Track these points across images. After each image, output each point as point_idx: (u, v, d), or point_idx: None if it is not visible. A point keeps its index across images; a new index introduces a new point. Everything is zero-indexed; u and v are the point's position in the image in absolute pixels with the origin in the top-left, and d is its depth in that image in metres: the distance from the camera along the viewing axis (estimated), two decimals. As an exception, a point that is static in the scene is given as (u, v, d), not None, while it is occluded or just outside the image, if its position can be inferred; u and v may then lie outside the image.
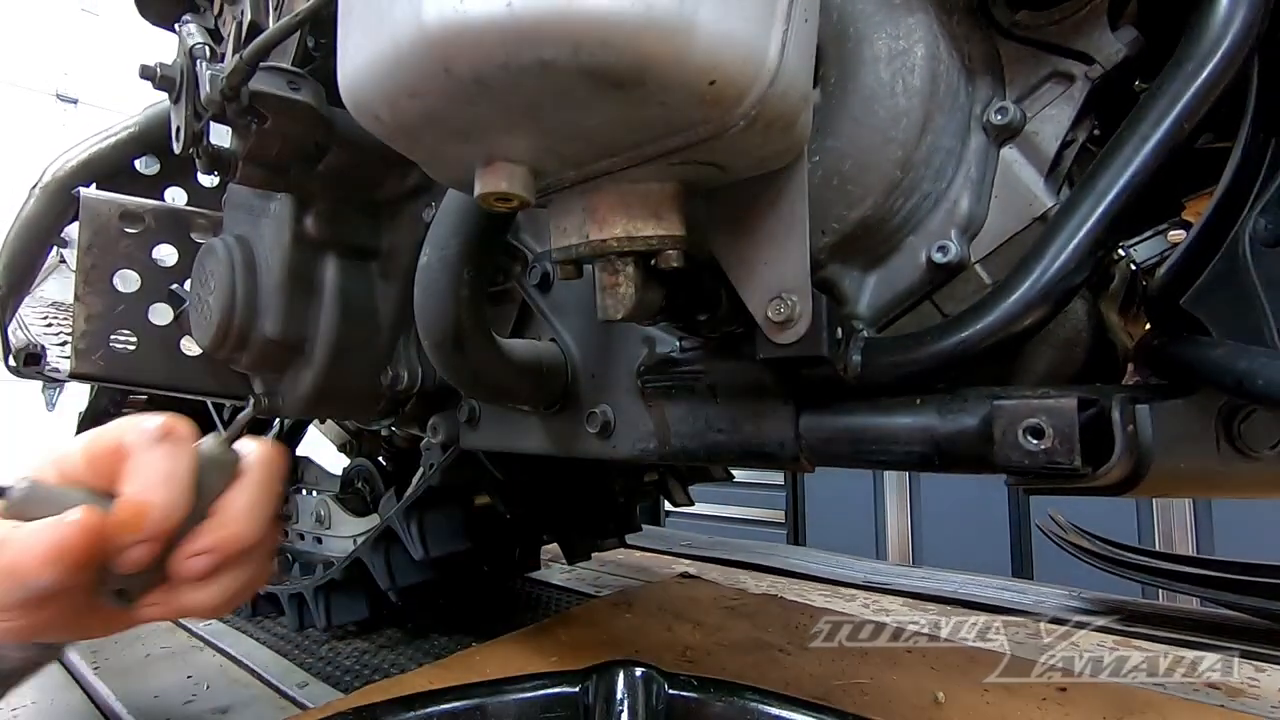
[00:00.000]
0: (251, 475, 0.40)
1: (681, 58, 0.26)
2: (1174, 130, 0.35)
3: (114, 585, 0.36)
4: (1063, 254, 0.36)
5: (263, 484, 0.40)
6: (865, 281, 0.45)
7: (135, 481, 0.35)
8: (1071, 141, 0.42)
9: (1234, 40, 0.34)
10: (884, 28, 0.42)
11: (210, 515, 0.38)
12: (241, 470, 0.40)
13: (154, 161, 1.03)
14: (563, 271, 0.39)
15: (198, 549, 0.37)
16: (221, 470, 0.39)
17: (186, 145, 0.66)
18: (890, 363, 0.41)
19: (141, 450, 0.36)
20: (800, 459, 0.46)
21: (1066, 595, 1.28)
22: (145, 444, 0.36)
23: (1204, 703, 0.80)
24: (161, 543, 0.36)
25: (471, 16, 0.25)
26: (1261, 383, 0.32)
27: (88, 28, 4.75)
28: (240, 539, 0.38)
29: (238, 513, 0.38)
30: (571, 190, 0.35)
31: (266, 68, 0.62)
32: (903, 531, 2.64)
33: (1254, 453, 0.39)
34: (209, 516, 0.38)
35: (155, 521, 0.35)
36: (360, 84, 0.30)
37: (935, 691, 0.79)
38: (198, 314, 0.82)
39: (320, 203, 0.74)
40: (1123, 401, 0.35)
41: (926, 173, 0.42)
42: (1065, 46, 0.41)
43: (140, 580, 0.37)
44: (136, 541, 0.35)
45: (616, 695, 0.48)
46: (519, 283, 0.68)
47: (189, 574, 0.37)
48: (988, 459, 0.37)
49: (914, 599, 1.25)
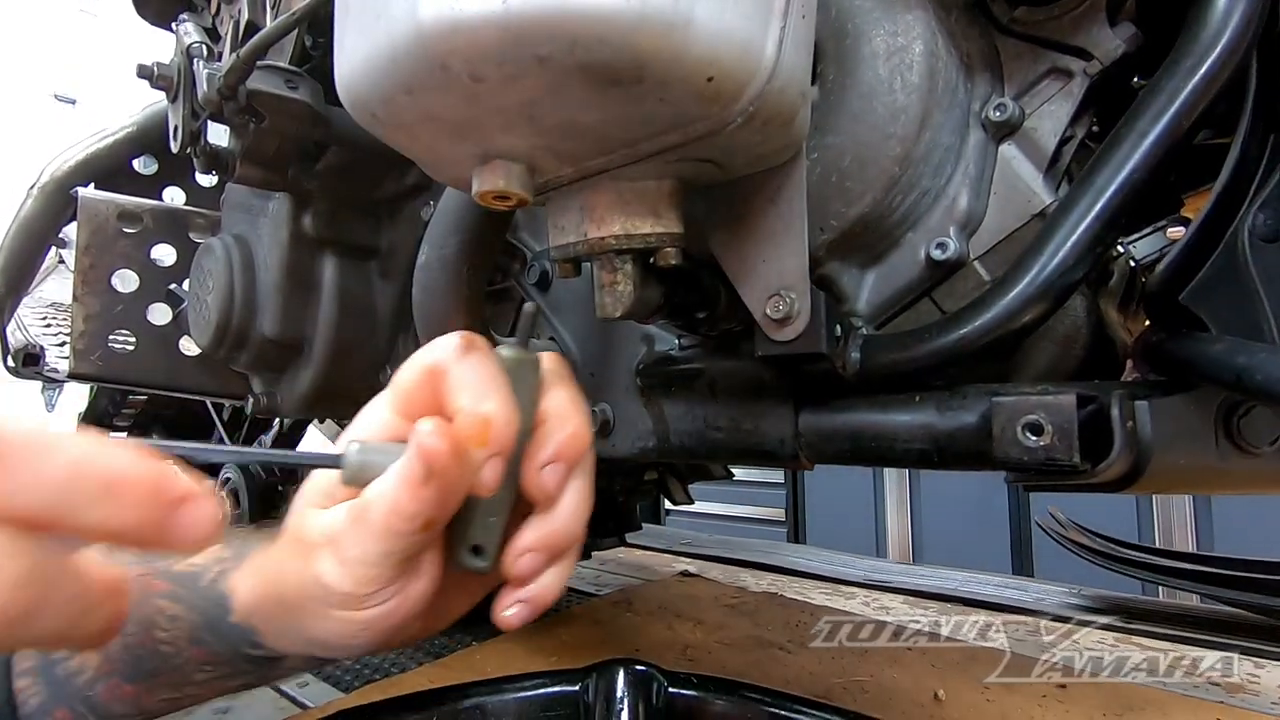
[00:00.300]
0: (557, 371, 0.36)
1: (679, 54, 0.26)
2: (1172, 126, 0.35)
3: (471, 540, 0.34)
4: (1061, 250, 0.36)
5: (572, 379, 0.37)
6: (864, 279, 0.45)
7: (463, 396, 0.32)
8: (1070, 138, 0.42)
9: (1232, 36, 0.34)
10: (882, 24, 0.42)
11: (538, 424, 0.34)
12: (546, 370, 0.36)
13: (152, 161, 1.03)
14: (561, 270, 0.39)
15: (546, 458, 0.34)
16: (530, 373, 0.35)
17: (184, 145, 0.66)
18: (889, 360, 0.41)
19: (455, 366, 0.33)
20: (799, 456, 0.46)
21: (1067, 592, 1.28)
22: (456, 359, 0.33)
23: (1204, 699, 0.80)
24: (506, 458, 0.32)
25: (468, 14, 0.25)
26: (1260, 378, 0.32)
27: (86, 28, 4.75)
28: (582, 437, 0.34)
29: (568, 410, 0.35)
30: (569, 188, 0.35)
31: (264, 66, 0.62)
32: (903, 529, 2.64)
33: (1253, 449, 0.39)
34: (537, 425, 0.34)
35: (499, 429, 0.31)
36: (357, 82, 0.30)
37: (936, 689, 0.79)
38: (196, 314, 0.81)
39: (319, 202, 0.74)
40: (1122, 398, 0.35)
41: (925, 169, 0.42)
42: (1064, 43, 0.41)
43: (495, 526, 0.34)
44: (487, 456, 0.31)
45: (617, 694, 0.48)
46: (518, 281, 0.68)
47: (547, 489, 0.33)
48: (987, 455, 0.37)
49: (914, 597, 1.25)
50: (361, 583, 0.32)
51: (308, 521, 0.35)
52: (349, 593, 0.33)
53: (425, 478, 0.30)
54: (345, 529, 0.32)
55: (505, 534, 0.35)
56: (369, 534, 0.31)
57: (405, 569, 0.33)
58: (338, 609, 0.34)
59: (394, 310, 0.79)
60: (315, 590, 0.34)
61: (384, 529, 0.31)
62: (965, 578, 1.38)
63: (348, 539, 0.32)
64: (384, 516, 0.31)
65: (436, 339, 0.35)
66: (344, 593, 0.33)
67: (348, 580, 0.32)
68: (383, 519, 0.31)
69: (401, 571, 0.33)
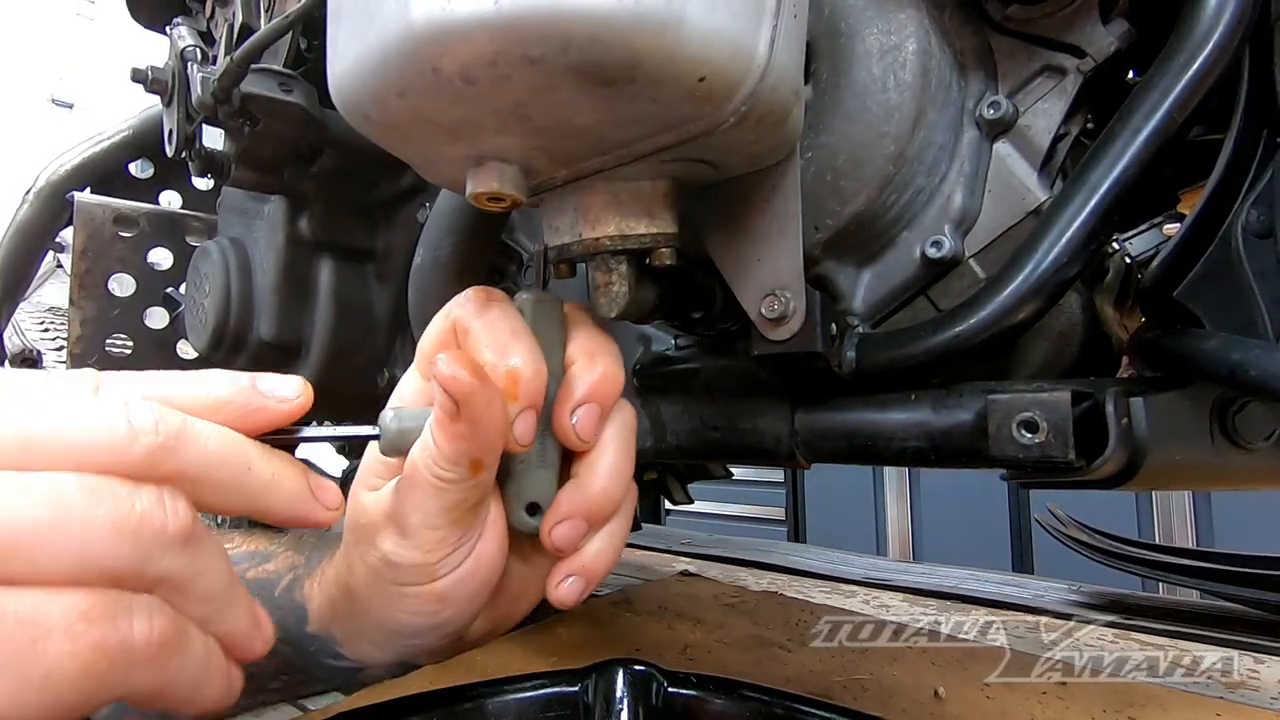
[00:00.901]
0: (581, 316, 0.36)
1: (671, 54, 0.26)
2: (1166, 123, 0.35)
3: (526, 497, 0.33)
4: (1056, 248, 0.36)
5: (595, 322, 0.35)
6: (859, 277, 0.45)
7: (486, 351, 0.31)
8: (1064, 135, 0.42)
9: (1224, 32, 0.34)
10: (875, 23, 0.42)
11: (568, 366, 0.34)
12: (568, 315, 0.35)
13: (148, 165, 1.03)
14: (556, 271, 0.39)
15: (578, 399, 0.33)
16: (553, 316, 0.35)
17: (179, 148, 0.66)
18: (885, 358, 0.41)
19: (475, 321, 0.32)
20: (796, 456, 0.46)
21: (1067, 589, 1.28)
22: (476, 313, 0.32)
23: (1204, 694, 0.80)
24: (538, 409, 0.32)
25: (459, 15, 0.25)
26: (1255, 373, 0.32)
27: (82, 32, 4.75)
28: (613, 378, 0.34)
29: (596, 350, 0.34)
30: (564, 189, 0.35)
31: (258, 70, 0.62)
32: (903, 527, 2.64)
33: (1248, 444, 0.39)
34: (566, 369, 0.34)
35: (528, 381, 0.31)
36: (349, 84, 0.30)
37: (936, 686, 0.79)
38: (193, 317, 0.81)
39: (314, 204, 0.74)
40: (1117, 394, 0.35)
41: (920, 168, 0.42)
42: (1057, 40, 0.41)
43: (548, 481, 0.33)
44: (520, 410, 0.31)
45: (616, 694, 0.48)
46: (514, 282, 0.68)
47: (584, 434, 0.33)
48: (983, 453, 0.37)
49: (914, 595, 1.25)
50: (429, 548, 0.31)
51: (363, 505, 0.34)
52: (419, 562, 0.32)
53: (454, 410, 0.29)
54: (400, 498, 0.32)
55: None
56: (422, 494, 0.31)
57: (469, 525, 0.32)
58: (412, 585, 0.33)
59: (391, 312, 0.79)
60: (386, 571, 0.32)
61: (433, 483, 0.30)
62: (965, 575, 1.38)
63: (404, 507, 0.31)
64: (429, 469, 0.30)
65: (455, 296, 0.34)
66: (414, 563, 0.32)
67: (415, 549, 0.31)
68: (429, 472, 0.30)
69: (466, 528, 0.32)
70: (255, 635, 0.27)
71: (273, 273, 0.75)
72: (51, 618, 0.19)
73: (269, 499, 0.26)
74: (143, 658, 0.21)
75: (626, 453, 0.35)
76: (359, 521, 0.34)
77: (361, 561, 0.33)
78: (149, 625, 0.21)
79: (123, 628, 0.20)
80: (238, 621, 0.26)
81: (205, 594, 0.24)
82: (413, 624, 0.34)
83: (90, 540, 0.20)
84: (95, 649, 0.20)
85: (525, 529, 0.34)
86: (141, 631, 0.21)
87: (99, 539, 0.20)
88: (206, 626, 0.25)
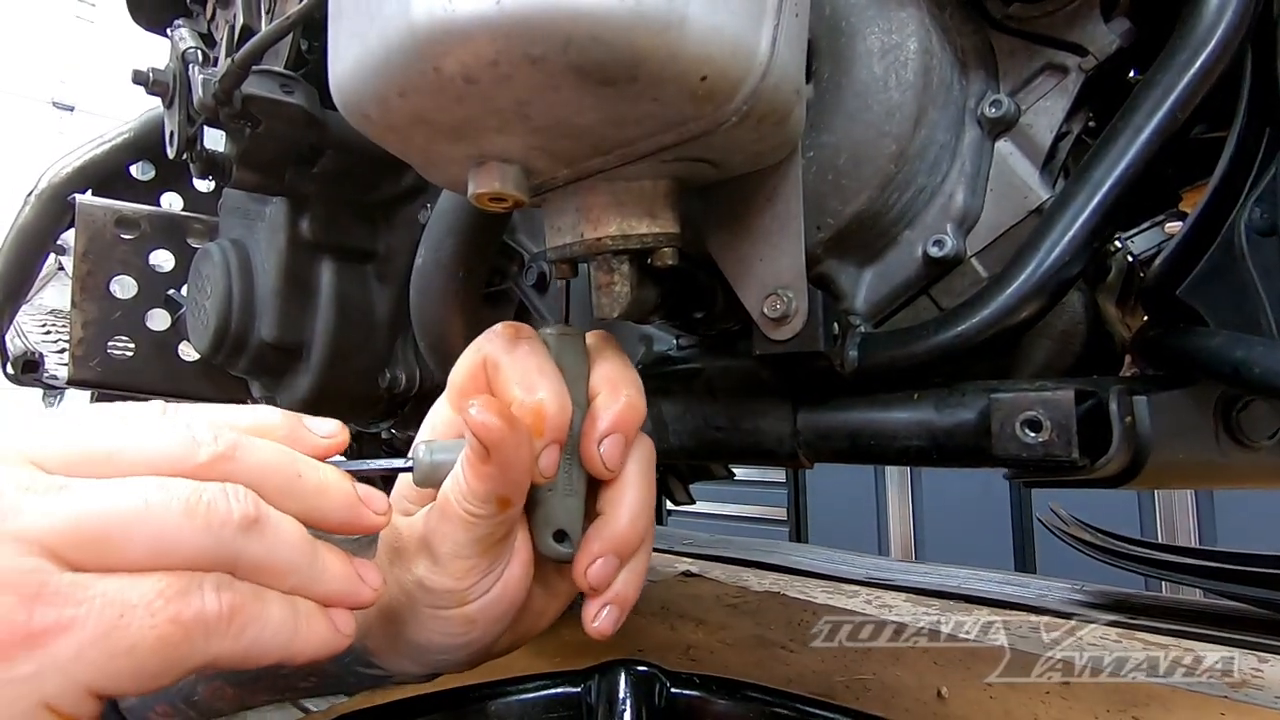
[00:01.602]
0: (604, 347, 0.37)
1: (673, 53, 0.26)
2: (1168, 121, 0.35)
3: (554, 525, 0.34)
4: (1058, 246, 0.36)
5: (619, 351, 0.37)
6: (861, 277, 0.45)
7: (514, 388, 0.33)
8: (1066, 133, 0.42)
9: (1226, 29, 0.34)
10: (876, 22, 0.42)
11: (592, 397, 0.35)
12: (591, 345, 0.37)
13: (149, 167, 1.03)
14: (558, 271, 0.39)
15: (604, 430, 0.34)
16: (577, 350, 0.36)
17: (181, 150, 0.66)
18: (887, 357, 0.41)
19: (504, 357, 0.34)
20: (798, 455, 0.46)
21: (1069, 589, 1.28)
22: (504, 350, 0.34)
23: (1208, 694, 0.80)
24: (563, 444, 0.33)
25: (460, 14, 0.25)
26: (1258, 371, 0.32)
27: (83, 35, 4.75)
28: (636, 407, 0.35)
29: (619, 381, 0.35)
30: (565, 189, 0.35)
31: (259, 71, 0.62)
32: (905, 527, 2.64)
33: (1252, 442, 0.39)
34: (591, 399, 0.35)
35: (553, 417, 0.32)
36: (350, 84, 0.30)
37: (939, 687, 0.79)
38: (194, 319, 0.81)
39: (315, 206, 0.74)
40: (1120, 393, 0.35)
41: (921, 167, 0.42)
42: (1058, 38, 0.41)
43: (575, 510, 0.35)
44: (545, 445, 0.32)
45: (619, 695, 0.48)
46: (515, 283, 0.67)
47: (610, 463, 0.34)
48: (986, 452, 0.37)
49: (917, 594, 1.25)
50: (460, 575, 0.33)
51: (398, 528, 0.36)
52: (450, 588, 0.33)
53: (484, 454, 0.30)
54: (432, 528, 0.33)
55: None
56: (453, 526, 0.32)
57: (498, 555, 0.34)
58: (444, 608, 0.34)
59: (392, 313, 0.79)
60: (419, 594, 0.34)
61: (464, 518, 0.32)
62: (967, 575, 1.38)
63: (436, 537, 0.33)
64: (460, 504, 0.32)
65: (485, 331, 0.36)
66: (446, 589, 0.33)
67: (447, 576, 0.33)
68: (459, 507, 0.32)
69: (495, 557, 0.34)
70: (359, 589, 0.30)
71: (274, 274, 0.75)
72: (134, 598, 0.23)
73: (320, 503, 0.29)
74: (217, 628, 0.24)
75: (649, 485, 0.36)
76: (394, 544, 0.36)
77: (396, 582, 0.35)
78: (219, 600, 0.24)
79: (195, 603, 0.23)
80: (331, 584, 0.29)
81: (284, 568, 0.27)
82: (443, 642, 0.36)
83: (167, 528, 0.24)
84: (172, 622, 0.23)
85: (554, 556, 0.35)
86: (212, 605, 0.24)
87: (174, 527, 0.24)
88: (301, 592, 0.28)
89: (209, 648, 0.24)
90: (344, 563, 0.30)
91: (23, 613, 0.21)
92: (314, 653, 0.27)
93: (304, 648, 0.27)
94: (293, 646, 0.27)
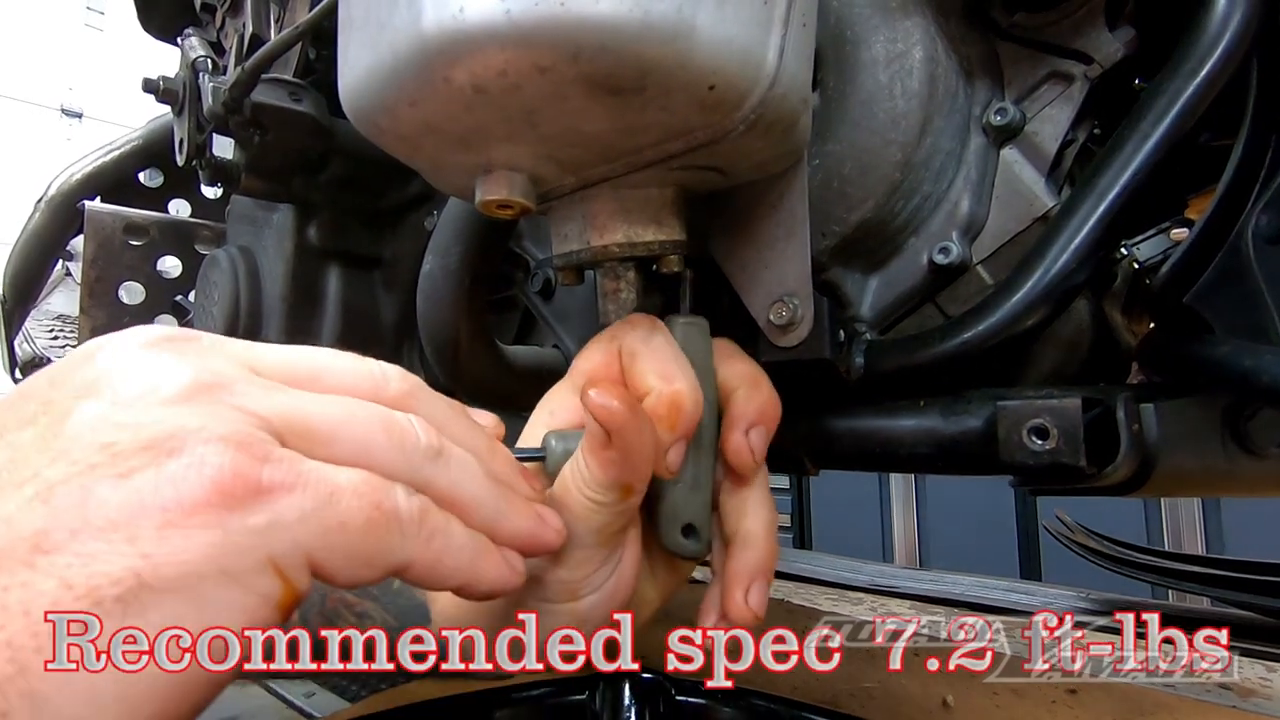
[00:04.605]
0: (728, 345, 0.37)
1: (681, 63, 0.26)
2: (1174, 128, 0.35)
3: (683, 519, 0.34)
4: (1064, 254, 0.36)
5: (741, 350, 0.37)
6: (867, 284, 0.45)
7: (650, 378, 0.32)
8: (1072, 141, 0.42)
9: (1232, 37, 0.34)
10: (881, 31, 0.42)
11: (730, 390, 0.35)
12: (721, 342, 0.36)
13: (158, 174, 1.04)
14: (564, 278, 0.39)
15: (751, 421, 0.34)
16: (702, 343, 0.35)
17: (189, 157, 0.67)
18: (893, 365, 0.41)
19: (642, 345, 0.33)
20: (804, 462, 0.46)
21: (1075, 596, 1.27)
22: (644, 339, 0.34)
23: (1215, 703, 0.79)
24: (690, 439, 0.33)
25: (470, 24, 0.25)
26: (1266, 380, 0.32)
27: (92, 42, 4.79)
28: (776, 403, 0.35)
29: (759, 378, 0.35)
30: (572, 196, 0.35)
31: (268, 79, 0.63)
32: (909, 534, 2.63)
33: (1260, 451, 0.39)
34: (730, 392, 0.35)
35: (689, 411, 0.32)
36: (360, 93, 0.30)
37: (944, 695, 0.79)
38: (202, 325, 0.82)
39: (323, 213, 0.74)
40: (1127, 401, 0.35)
41: (926, 174, 0.42)
42: (1064, 46, 0.41)
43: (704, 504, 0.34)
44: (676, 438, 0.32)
45: (624, 702, 0.48)
46: (521, 290, 0.68)
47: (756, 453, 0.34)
48: (992, 460, 0.37)
49: (921, 602, 1.24)
50: (576, 566, 0.32)
51: None
52: (565, 579, 0.33)
53: (605, 440, 0.30)
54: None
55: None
56: (571, 515, 0.32)
57: (614, 546, 0.33)
58: (554, 602, 0.33)
59: (398, 320, 0.80)
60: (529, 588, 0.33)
61: (585, 504, 0.31)
62: (972, 582, 1.37)
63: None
64: (580, 490, 0.31)
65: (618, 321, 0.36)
66: (560, 580, 0.33)
67: (562, 567, 0.32)
68: (579, 495, 0.31)
69: (612, 548, 0.33)
70: (543, 530, 0.30)
71: (281, 281, 0.76)
72: (342, 480, 0.24)
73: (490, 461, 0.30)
74: (409, 527, 0.25)
75: (773, 502, 0.36)
76: None
77: None
78: (410, 502, 0.25)
79: (392, 497, 0.25)
80: (517, 522, 0.29)
81: (470, 501, 0.28)
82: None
83: (369, 437, 0.25)
84: (375, 507, 0.24)
85: (683, 552, 0.35)
86: (405, 504, 0.25)
87: (374, 437, 0.26)
88: (487, 529, 0.28)
89: (406, 546, 0.25)
90: (526, 504, 0.30)
91: (255, 468, 0.22)
92: (491, 584, 0.28)
93: (484, 575, 0.28)
94: (475, 570, 0.27)
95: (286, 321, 0.75)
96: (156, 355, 0.24)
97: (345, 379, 0.28)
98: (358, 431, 0.25)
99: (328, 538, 0.23)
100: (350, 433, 0.25)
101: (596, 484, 0.31)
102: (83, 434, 0.22)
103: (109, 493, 0.21)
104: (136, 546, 0.20)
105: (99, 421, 0.22)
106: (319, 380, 0.27)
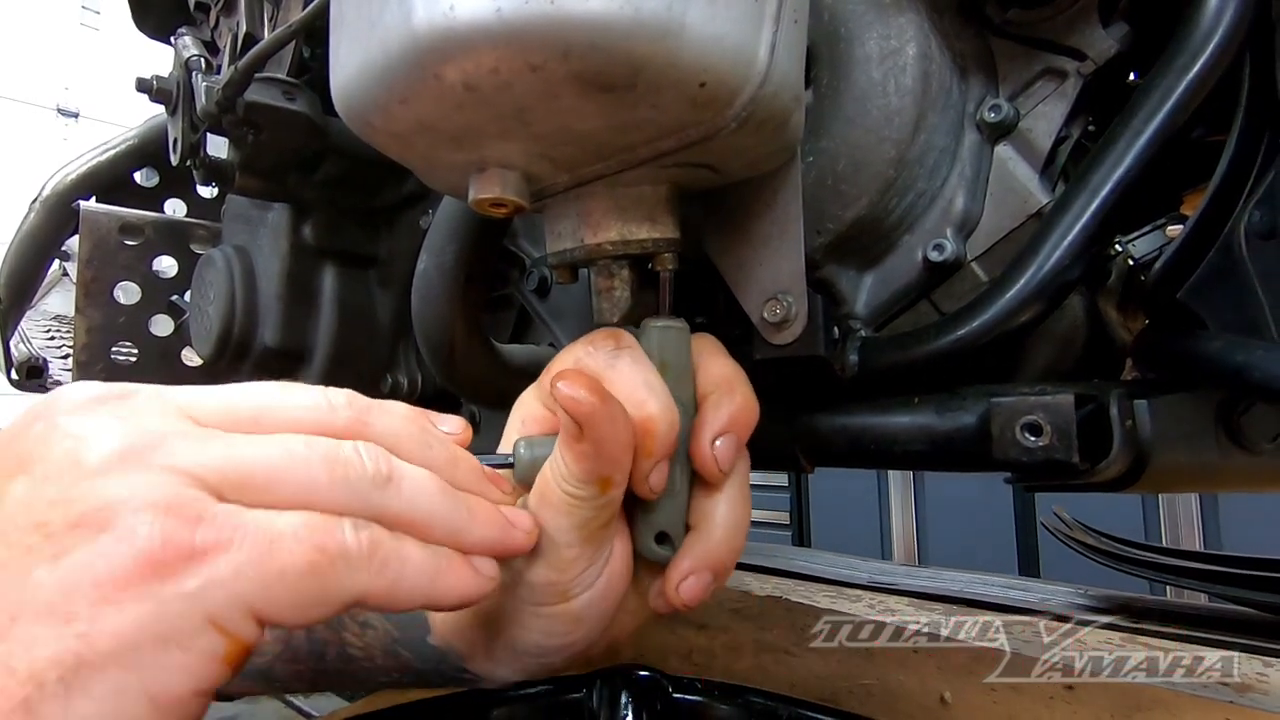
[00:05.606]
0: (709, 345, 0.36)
1: (672, 60, 0.26)
2: (1167, 124, 0.35)
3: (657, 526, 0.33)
4: (1058, 250, 0.36)
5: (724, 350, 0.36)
6: (862, 281, 0.45)
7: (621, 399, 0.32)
8: (1065, 137, 0.42)
9: (1225, 33, 0.34)
10: (875, 27, 0.42)
11: (703, 395, 0.34)
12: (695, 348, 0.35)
13: (153, 174, 1.04)
14: (559, 276, 0.39)
15: (718, 429, 0.33)
16: (681, 346, 0.34)
17: (184, 157, 0.67)
18: (888, 362, 0.41)
19: (608, 371, 0.33)
20: (799, 460, 0.46)
21: (1073, 593, 1.27)
22: (608, 363, 0.33)
23: (1213, 699, 0.80)
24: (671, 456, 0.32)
25: (461, 23, 0.25)
26: (1259, 375, 0.32)
27: (88, 42, 4.78)
28: (751, 408, 0.34)
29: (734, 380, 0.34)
30: (566, 195, 0.35)
31: (262, 78, 0.63)
32: (908, 531, 2.63)
33: (1253, 446, 0.39)
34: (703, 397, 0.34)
35: (664, 435, 0.31)
36: (352, 92, 0.30)
37: (942, 691, 0.79)
38: (198, 325, 0.82)
39: (317, 212, 0.74)
40: (1121, 397, 0.35)
41: (921, 171, 0.42)
42: (1057, 43, 0.41)
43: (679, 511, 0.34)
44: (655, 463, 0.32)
45: (621, 700, 0.48)
46: (517, 288, 0.68)
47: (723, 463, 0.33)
48: (986, 457, 0.37)
49: (920, 599, 1.25)
50: (563, 565, 0.32)
51: None
52: (553, 580, 0.32)
53: (577, 432, 0.30)
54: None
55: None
56: (553, 512, 0.32)
57: (600, 544, 0.33)
58: (546, 605, 0.33)
59: (394, 318, 0.80)
60: (519, 592, 0.33)
61: (566, 500, 0.31)
62: (970, 579, 1.37)
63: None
64: (560, 486, 0.31)
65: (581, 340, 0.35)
66: (548, 581, 0.32)
67: (550, 567, 0.32)
68: (559, 492, 0.31)
69: (598, 546, 0.33)
70: (510, 534, 0.30)
71: (276, 280, 0.76)
72: (282, 526, 0.24)
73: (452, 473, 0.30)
74: (358, 562, 0.25)
75: (747, 499, 0.35)
76: None
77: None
78: (358, 536, 0.25)
79: (338, 535, 0.25)
80: (480, 531, 0.29)
81: (425, 519, 0.28)
82: (543, 643, 0.35)
83: (310, 476, 0.25)
84: (318, 549, 0.24)
85: (655, 558, 0.34)
86: (352, 539, 0.25)
87: (315, 475, 0.25)
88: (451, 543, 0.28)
89: (355, 580, 0.25)
90: (491, 510, 0.30)
91: (186, 532, 0.22)
92: (460, 595, 0.28)
93: (448, 590, 0.28)
94: (436, 588, 0.27)
95: (282, 320, 0.75)
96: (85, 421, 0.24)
97: (290, 415, 0.27)
98: (298, 473, 0.25)
99: (269, 588, 0.23)
100: (291, 475, 0.25)
101: (574, 478, 0.31)
102: (17, 515, 0.22)
103: (45, 575, 0.21)
104: (73, 626, 0.21)
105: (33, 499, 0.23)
106: (260, 421, 0.27)
